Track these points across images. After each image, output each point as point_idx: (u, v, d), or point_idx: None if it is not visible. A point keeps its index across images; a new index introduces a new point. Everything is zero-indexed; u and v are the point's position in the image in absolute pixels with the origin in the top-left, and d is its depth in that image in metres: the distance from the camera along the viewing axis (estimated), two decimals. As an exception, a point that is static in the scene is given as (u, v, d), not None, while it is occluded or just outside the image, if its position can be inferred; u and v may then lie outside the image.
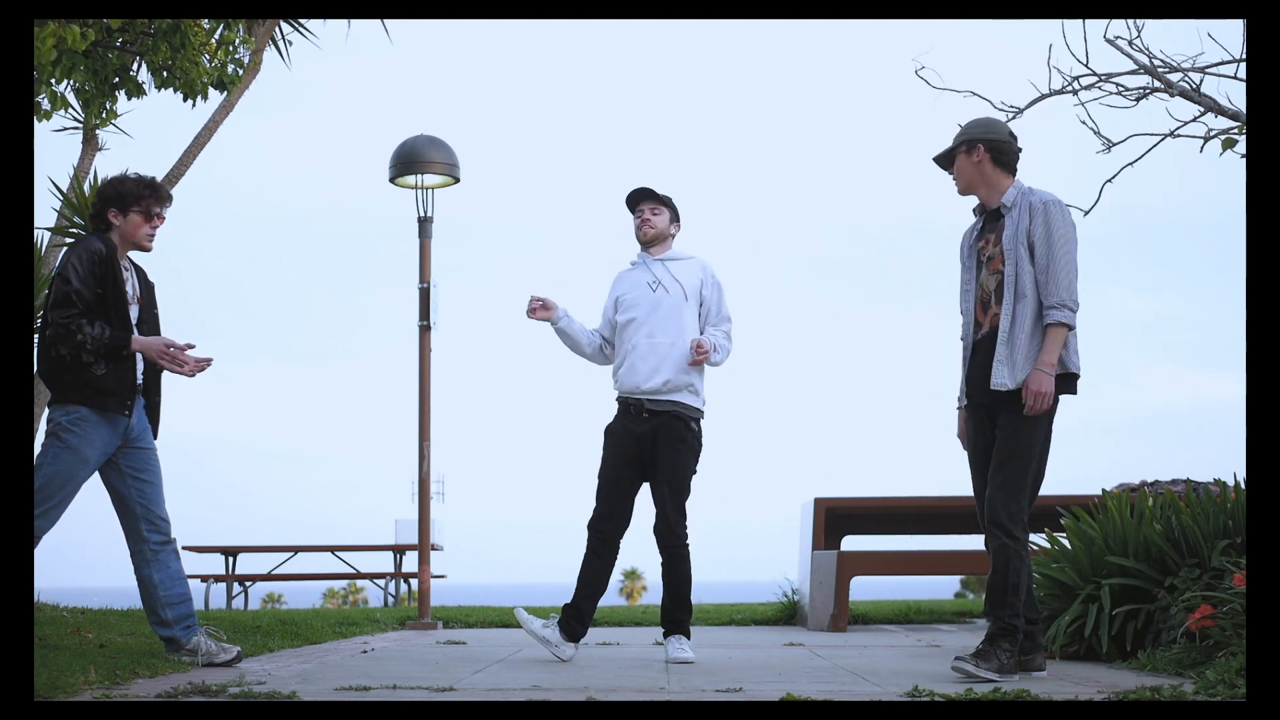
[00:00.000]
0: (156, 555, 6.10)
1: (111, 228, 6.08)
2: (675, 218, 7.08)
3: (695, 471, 6.86)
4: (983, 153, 5.86)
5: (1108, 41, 6.96)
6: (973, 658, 5.57)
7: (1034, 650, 5.85)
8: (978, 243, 5.94)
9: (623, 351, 6.91)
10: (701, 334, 6.87)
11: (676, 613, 6.84)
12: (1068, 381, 5.75)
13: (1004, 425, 5.71)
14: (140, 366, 6.09)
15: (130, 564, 6.16)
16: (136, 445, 6.09)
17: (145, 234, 6.12)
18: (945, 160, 6.00)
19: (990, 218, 5.90)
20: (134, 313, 6.06)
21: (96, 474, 6.08)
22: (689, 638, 6.85)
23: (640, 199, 7.03)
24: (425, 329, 10.86)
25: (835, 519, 10.82)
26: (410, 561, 15.70)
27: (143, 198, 6.09)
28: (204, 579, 15.61)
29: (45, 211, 17.15)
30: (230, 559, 15.96)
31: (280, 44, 9.98)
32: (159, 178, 6.40)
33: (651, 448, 6.78)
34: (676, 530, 6.75)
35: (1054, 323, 5.63)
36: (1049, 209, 5.72)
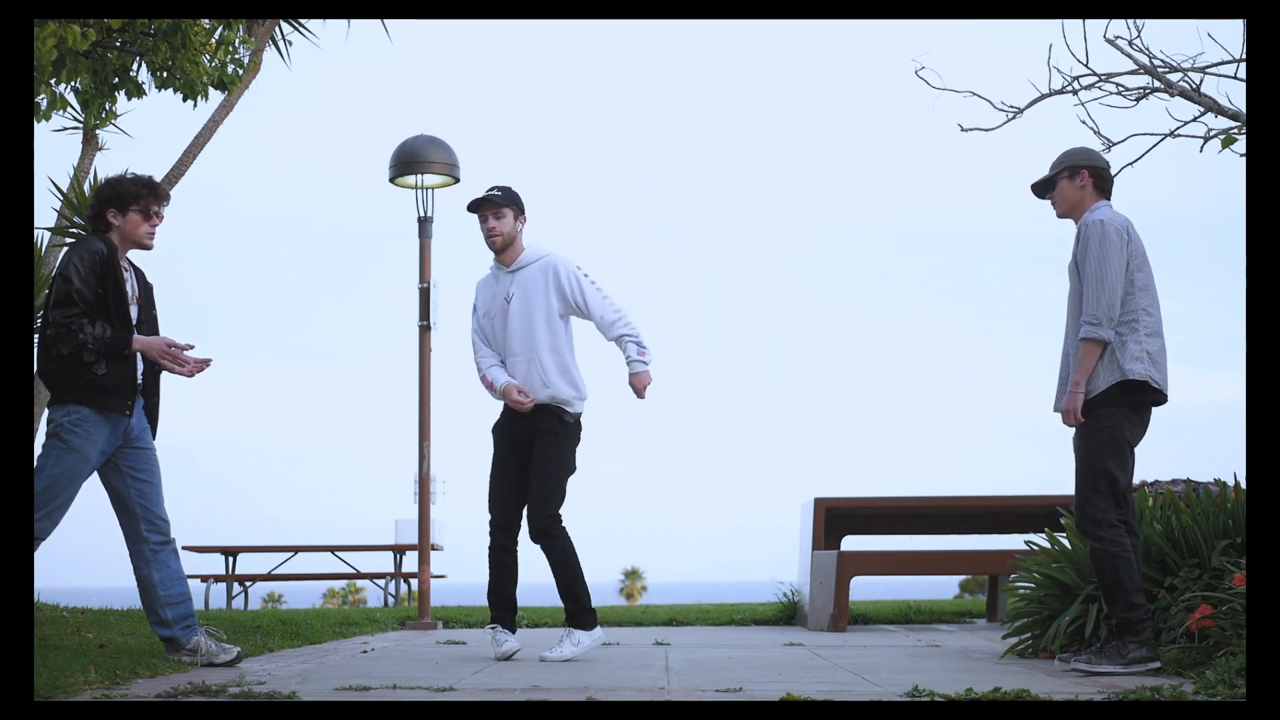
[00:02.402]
0: (156, 555, 6.10)
1: (111, 228, 6.08)
2: (519, 212, 6.90)
3: (573, 468, 6.87)
4: (1086, 178, 6.11)
5: (1108, 41, 6.96)
6: (1089, 653, 5.85)
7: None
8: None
9: (508, 361, 6.91)
10: (620, 339, 6.85)
11: (568, 604, 6.83)
12: (1123, 391, 5.88)
13: (1074, 438, 6.02)
14: (140, 367, 6.09)
15: (130, 564, 6.16)
16: (136, 445, 6.09)
17: (145, 232, 6.11)
18: (1046, 186, 6.21)
19: None
20: (133, 313, 6.06)
21: (95, 474, 6.08)
22: (589, 629, 6.80)
23: (477, 208, 6.89)
24: (425, 329, 10.86)
25: (835, 519, 10.82)
26: (410, 561, 15.70)
27: (141, 196, 6.08)
28: (204, 579, 15.61)
29: (45, 211, 17.15)
30: (230, 559, 15.96)
31: (280, 44, 9.98)
32: (159, 178, 6.39)
33: (529, 442, 6.84)
34: (547, 511, 6.72)
35: (1080, 338, 5.88)
36: (1087, 230, 5.97)
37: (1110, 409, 5.87)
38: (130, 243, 6.11)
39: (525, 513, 6.79)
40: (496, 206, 6.84)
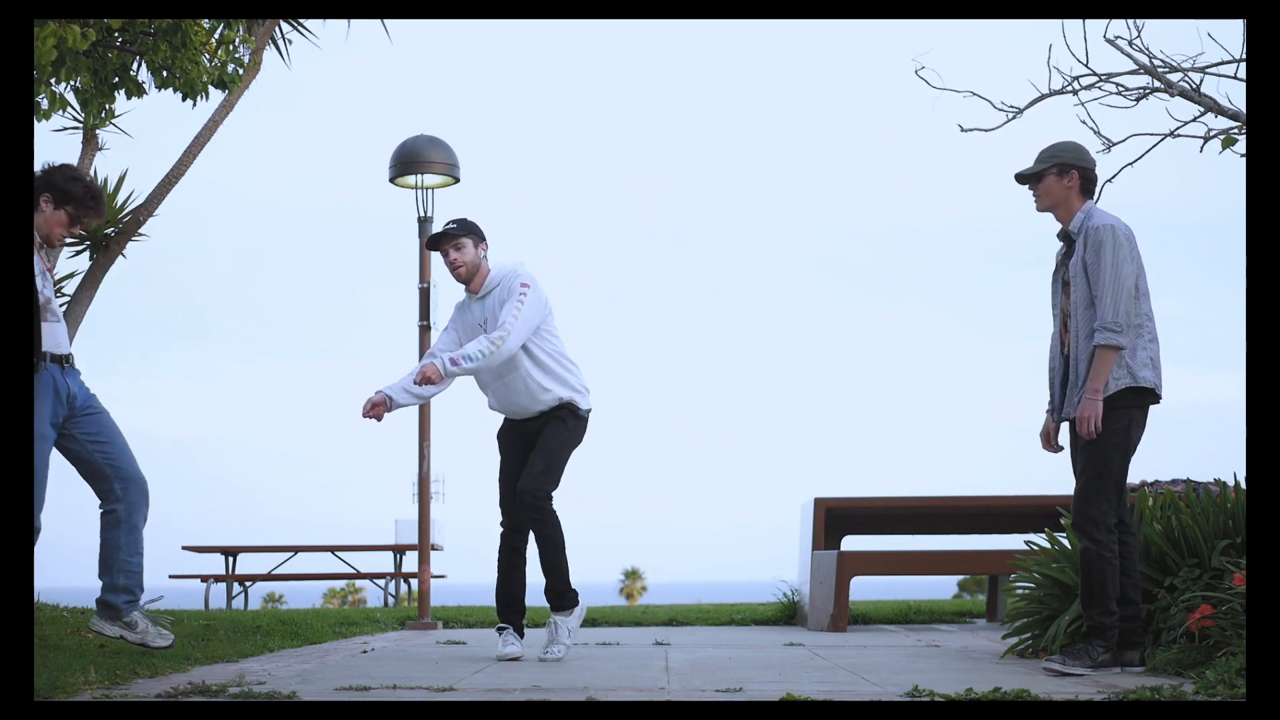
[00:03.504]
0: (130, 517, 6.08)
1: (37, 209, 6.09)
2: (479, 240, 6.85)
3: (568, 451, 6.86)
4: (1075, 178, 6.09)
5: (1108, 41, 6.95)
6: (1061, 655, 5.90)
7: (1128, 645, 6.02)
8: (1062, 265, 6.18)
9: (485, 390, 6.94)
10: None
11: (552, 582, 6.87)
12: (1135, 395, 5.94)
13: (1078, 437, 6.00)
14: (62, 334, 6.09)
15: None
16: (85, 412, 6.09)
17: (60, 235, 6.19)
18: (1034, 178, 6.18)
19: (1069, 241, 6.14)
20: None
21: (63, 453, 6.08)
22: (571, 609, 6.86)
23: (436, 245, 6.87)
24: (425, 329, 10.87)
25: (835, 519, 10.82)
26: (410, 561, 15.70)
27: (83, 206, 6.13)
28: (204, 579, 15.60)
29: (45, 211, 17.13)
30: (230, 559, 15.96)
31: (280, 44, 9.98)
32: (158, 178, 6.39)
33: (538, 438, 6.88)
34: (544, 485, 6.74)
35: (1098, 345, 5.88)
36: (1099, 234, 5.95)
37: (1121, 411, 5.91)
38: (42, 233, 6.13)
39: (520, 485, 6.76)
40: (454, 239, 6.82)
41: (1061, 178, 6.08)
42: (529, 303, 6.71)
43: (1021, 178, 6.20)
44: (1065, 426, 6.22)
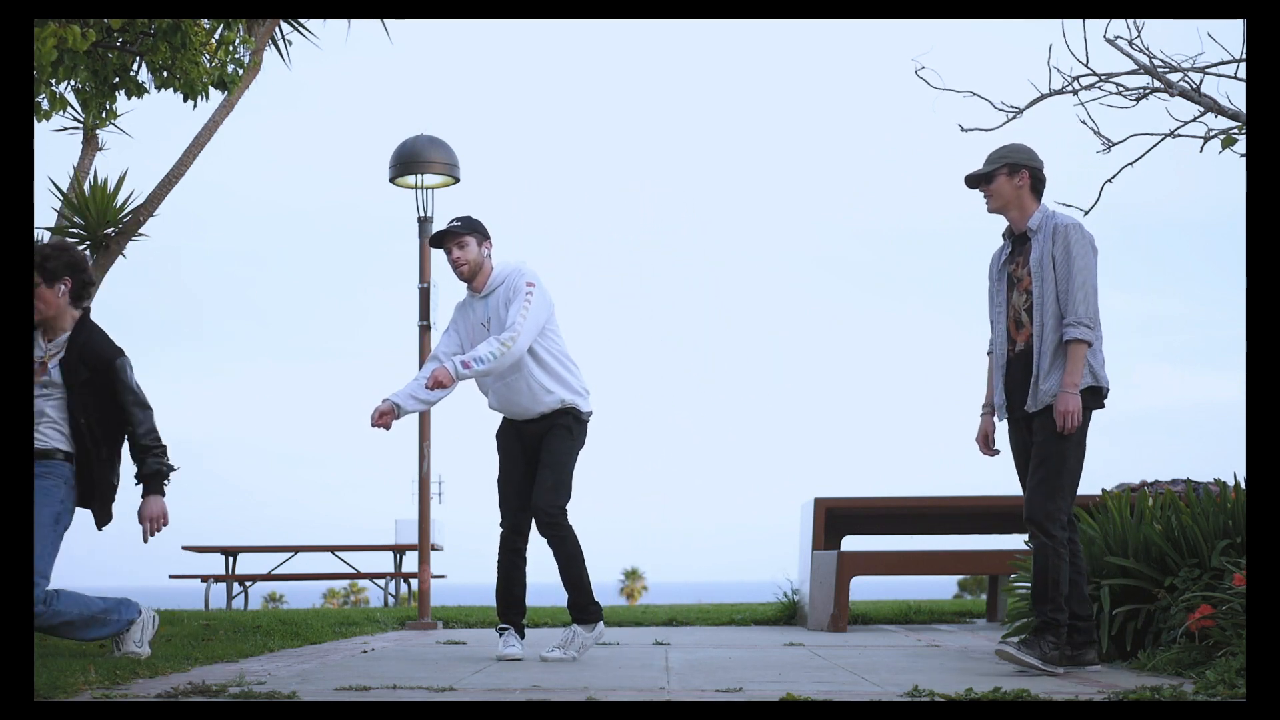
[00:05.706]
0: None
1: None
2: (482, 238, 6.85)
3: (574, 460, 6.87)
4: (1025, 178, 6.15)
5: (1108, 41, 6.95)
6: (1018, 643, 5.94)
7: (1086, 645, 6.10)
8: (1008, 265, 6.23)
9: (485, 390, 6.94)
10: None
11: (575, 597, 6.87)
12: (1095, 396, 6.03)
13: (1038, 432, 6.05)
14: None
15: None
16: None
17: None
18: (984, 179, 6.22)
19: (1018, 240, 6.20)
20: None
21: None
22: (593, 624, 6.87)
23: (439, 242, 6.86)
24: (425, 329, 10.87)
25: (835, 519, 10.82)
26: (410, 561, 15.71)
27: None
28: (204, 579, 15.62)
29: (45, 211, 17.12)
30: (230, 559, 15.96)
31: (280, 44, 9.98)
32: (159, 178, 6.37)
33: (540, 444, 6.87)
34: (557, 501, 6.74)
35: (1070, 340, 5.94)
36: (1069, 232, 6.04)
37: (1083, 411, 5.98)
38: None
39: (533, 503, 6.76)
40: (458, 237, 6.81)
41: (1012, 177, 6.14)
42: (536, 301, 6.71)
43: (972, 179, 6.26)
44: (1003, 427, 6.28)
